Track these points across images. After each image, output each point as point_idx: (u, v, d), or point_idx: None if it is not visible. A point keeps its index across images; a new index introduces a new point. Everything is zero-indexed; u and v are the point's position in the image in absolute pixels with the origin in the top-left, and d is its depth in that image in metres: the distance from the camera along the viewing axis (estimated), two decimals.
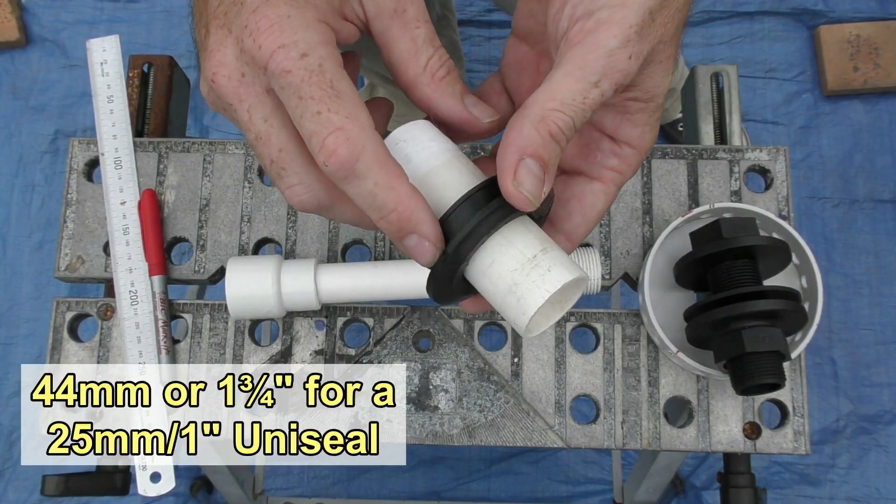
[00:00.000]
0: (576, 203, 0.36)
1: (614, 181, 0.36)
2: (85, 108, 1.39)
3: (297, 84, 0.30)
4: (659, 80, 0.33)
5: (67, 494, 0.58)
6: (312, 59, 0.30)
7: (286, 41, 0.30)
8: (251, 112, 0.32)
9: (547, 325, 0.35)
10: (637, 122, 0.34)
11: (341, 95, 0.30)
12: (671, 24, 0.32)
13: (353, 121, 0.30)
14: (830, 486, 1.22)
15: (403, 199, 0.30)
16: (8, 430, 1.25)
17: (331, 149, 0.29)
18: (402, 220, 0.31)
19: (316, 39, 0.30)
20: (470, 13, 1.42)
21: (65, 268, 0.61)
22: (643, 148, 0.35)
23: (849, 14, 1.38)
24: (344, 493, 1.24)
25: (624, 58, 0.31)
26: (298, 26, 0.30)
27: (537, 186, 0.31)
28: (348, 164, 0.30)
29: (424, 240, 0.31)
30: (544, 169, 0.31)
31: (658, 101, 0.34)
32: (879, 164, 1.34)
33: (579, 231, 0.37)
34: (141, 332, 0.58)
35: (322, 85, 0.30)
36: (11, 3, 1.39)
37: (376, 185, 0.30)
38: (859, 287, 1.29)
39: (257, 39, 0.30)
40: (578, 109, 0.31)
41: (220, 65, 0.32)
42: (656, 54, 0.32)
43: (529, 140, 0.31)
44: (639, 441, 0.57)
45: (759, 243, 0.51)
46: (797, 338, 0.55)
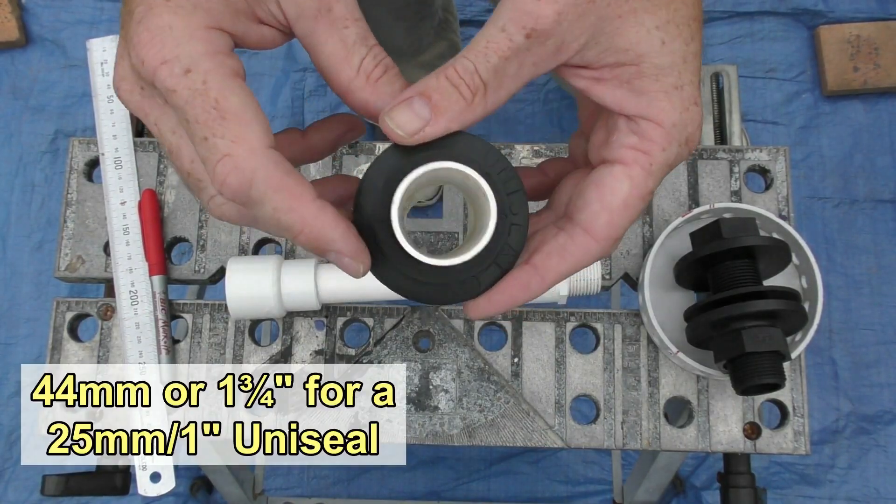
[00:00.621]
0: (593, 189, 0.32)
1: (637, 161, 0.31)
2: (85, 108, 1.39)
3: (182, 106, 0.28)
4: (634, 37, 0.30)
5: (67, 494, 0.58)
6: (196, 76, 0.28)
7: (168, 56, 0.28)
8: (158, 125, 0.31)
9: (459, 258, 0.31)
10: (640, 89, 0.31)
11: (227, 115, 0.28)
12: None
13: (240, 144, 0.28)
14: (830, 486, 1.22)
15: (308, 220, 0.29)
16: (8, 430, 1.25)
17: (221, 178, 0.28)
18: (313, 239, 0.29)
19: (200, 51, 0.28)
20: (470, 13, 1.42)
21: (65, 268, 0.61)
22: (665, 120, 0.31)
23: (849, 14, 1.38)
24: (344, 493, 1.24)
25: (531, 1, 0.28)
26: (181, 38, 0.28)
27: (412, 121, 0.29)
28: (241, 192, 0.28)
29: (342, 256, 0.30)
30: (433, 110, 0.29)
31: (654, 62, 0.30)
32: (879, 164, 1.34)
33: (600, 221, 0.32)
34: (141, 332, 0.58)
35: (205, 106, 0.28)
36: (11, 3, 1.39)
37: (275, 209, 0.28)
38: (859, 287, 1.29)
39: (140, 54, 0.28)
40: (480, 54, 0.29)
41: (122, 79, 0.30)
42: (606, 8, 0.29)
43: (425, 82, 0.29)
44: (639, 441, 0.57)
45: (759, 243, 0.51)
46: (797, 338, 0.55)
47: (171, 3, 0.28)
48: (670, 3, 0.31)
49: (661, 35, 0.30)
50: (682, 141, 0.32)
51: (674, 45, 0.31)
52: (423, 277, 0.32)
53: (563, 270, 0.33)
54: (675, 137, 0.31)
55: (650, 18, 0.30)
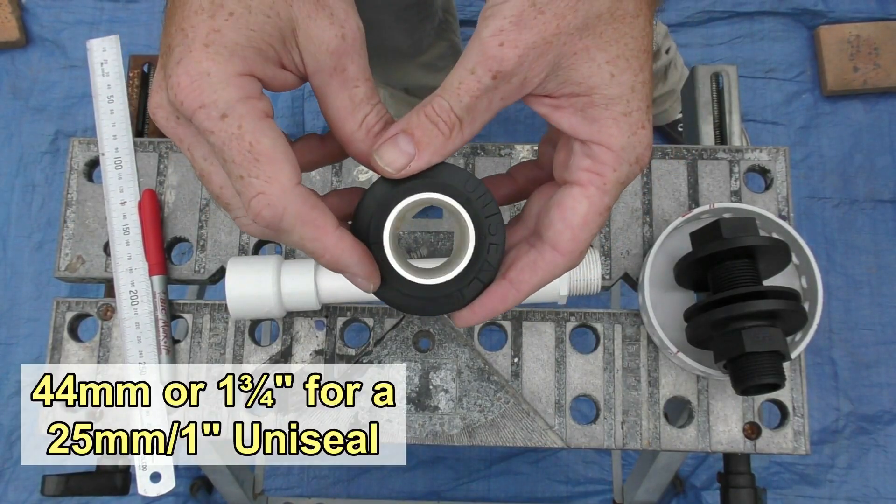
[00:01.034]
0: (556, 209, 0.36)
1: (593, 182, 0.35)
2: (85, 109, 1.39)
3: (220, 146, 0.32)
4: (587, 71, 0.33)
5: (67, 494, 0.58)
6: (232, 121, 0.31)
7: (206, 101, 0.31)
8: (191, 151, 0.35)
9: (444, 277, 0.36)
10: (592, 117, 0.34)
11: (261, 158, 0.32)
12: (571, 16, 0.33)
13: (272, 183, 0.32)
14: (830, 486, 1.22)
15: (329, 248, 0.34)
16: (8, 430, 1.25)
17: (255, 211, 0.32)
18: (332, 262, 0.35)
19: (235, 97, 0.32)
20: (470, 13, 1.42)
21: (65, 268, 0.61)
22: (613, 144, 0.35)
23: (849, 14, 1.38)
24: (344, 493, 1.24)
25: (494, 45, 0.32)
26: (218, 84, 0.31)
27: (398, 157, 0.34)
28: (273, 225, 0.33)
29: (356, 276, 0.35)
30: (417, 145, 0.34)
31: (604, 93, 0.34)
32: (879, 164, 1.34)
33: (564, 238, 0.36)
34: (141, 332, 0.58)
35: (241, 150, 0.32)
36: (11, 3, 1.39)
37: (301, 238, 0.34)
38: (859, 287, 1.29)
39: (178, 95, 0.32)
40: (454, 93, 0.33)
41: (158, 106, 0.34)
42: (563, 45, 0.33)
43: (406, 120, 0.34)
44: (639, 441, 0.57)
45: (759, 243, 0.51)
46: (797, 338, 0.55)
47: (210, 50, 0.32)
48: (620, 38, 0.34)
49: (611, 69, 0.34)
50: (632, 161, 0.35)
51: (623, 77, 0.34)
52: (413, 293, 0.37)
53: (535, 283, 0.37)
54: (624, 159, 0.35)
55: (601, 55, 0.34)
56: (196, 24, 0.32)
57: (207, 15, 0.32)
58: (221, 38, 0.32)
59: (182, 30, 0.32)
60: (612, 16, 0.34)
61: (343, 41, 0.34)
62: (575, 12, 0.33)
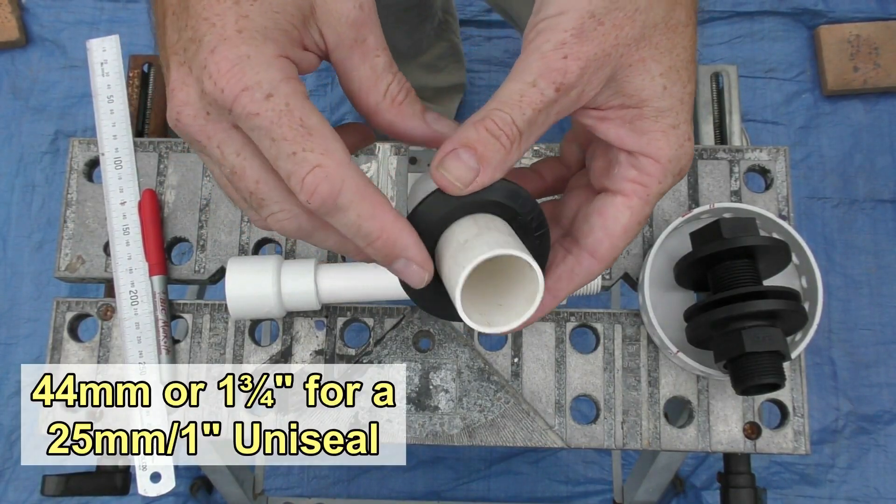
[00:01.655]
0: (597, 217, 0.36)
1: (637, 193, 0.35)
2: (85, 109, 1.39)
3: (266, 126, 0.30)
4: (640, 83, 0.33)
5: (67, 494, 0.58)
6: (278, 99, 0.30)
7: (249, 83, 0.30)
8: (222, 148, 0.33)
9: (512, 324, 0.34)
10: (641, 129, 0.34)
11: (313, 132, 0.30)
12: (629, 27, 0.32)
13: (329, 156, 0.30)
14: (830, 485, 1.22)
15: (387, 227, 0.32)
16: (8, 430, 1.25)
17: (311, 187, 0.30)
18: (388, 245, 0.32)
19: (278, 77, 0.31)
20: (470, 13, 1.42)
21: (65, 268, 0.61)
22: (661, 157, 0.35)
23: (849, 14, 1.38)
24: (344, 493, 1.24)
25: (558, 58, 0.32)
26: (259, 65, 0.30)
27: (465, 173, 0.32)
28: (330, 200, 0.30)
29: (412, 262, 0.32)
30: (479, 161, 0.32)
31: (655, 106, 0.34)
32: (879, 164, 1.34)
33: (603, 246, 0.36)
34: (141, 332, 0.58)
35: (292, 125, 0.30)
36: (11, 3, 1.39)
37: (359, 216, 0.31)
38: (859, 287, 1.29)
39: (218, 82, 0.30)
40: (515, 106, 0.32)
41: (185, 104, 0.32)
42: (620, 57, 0.33)
43: (464, 135, 0.32)
44: (639, 441, 0.57)
45: (759, 243, 0.51)
46: (797, 338, 0.55)
47: (244, 34, 0.30)
48: (673, 49, 0.34)
49: (664, 81, 0.34)
50: (677, 172, 0.36)
51: (674, 89, 0.34)
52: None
53: (571, 289, 0.38)
54: (670, 171, 0.35)
55: (656, 66, 0.33)
56: (222, 13, 0.31)
57: (232, 2, 0.31)
58: (251, 23, 0.31)
59: (207, 19, 0.31)
60: (667, 25, 0.33)
61: (361, 11, 0.33)
62: (633, 23, 0.32)
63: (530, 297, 0.34)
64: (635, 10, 0.32)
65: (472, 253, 0.32)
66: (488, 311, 0.35)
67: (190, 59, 0.31)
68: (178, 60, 0.32)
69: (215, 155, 0.33)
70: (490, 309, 0.35)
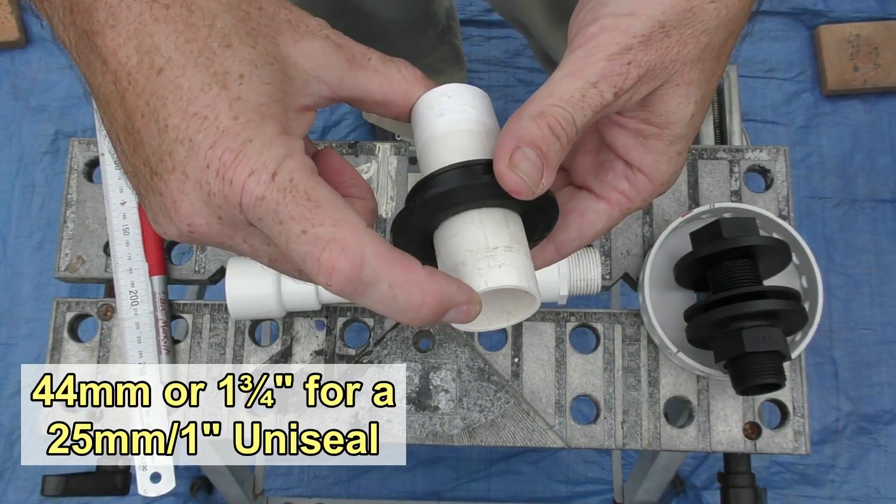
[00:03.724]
0: (576, 217, 0.36)
1: (620, 205, 0.35)
2: (85, 109, 1.39)
3: (273, 209, 0.27)
4: (674, 106, 0.33)
5: (67, 494, 0.58)
6: (283, 177, 0.27)
7: (255, 166, 0.27)
8: (249, 242, 0.30)
9: (484, 328, 0.34)
10: (650, 148, 0.34)
11: (321, 204, 0.27)
12: (692, 45, 0.31)
13: (342, 227, 0.27)
14: (830, 486, 1.22)
15: (426, 287, 0.28)
16: (8, 430, 1.25)
17: (329, 266, 0.27)
18: (435, 308, 0.28)
19: (281, 154, 0.28)
20: (470, 13, 1.42)
21: (65, 268, 0.61)
22: (657, 179, 0.34)
23: (849, 14, 1.38)
24: (344, 493, 1.24)
25: (623, 62, 0.31)
26: (262, 147, 0.28)
27: (536, 174, 0.30)
28: (353, 276, 0.27)
29: (461, 307, 0.29)
30: (542, 160, 0.30)
31: (675, 131, 0.33)
32: (879, 164, 1.34)
33: (572, 245, 0.36)
34: (141, 332, 0.58)
35: (298, 200, 0.27)
36: (11, 3, 1.39)
37: (392, 286, 0.28)
38: (859, 287, 1.29)
39: (226, 176, 0.27)
40: (577, 106, 0.31)
41: (194, 214, 0.29)
42: (672, 74, 0.32)
43: (527, 131, 0.30)
44: (639, 441, 0.57)
45: (759, 243, 0.51)
46: (797, 338, 0.55)
47: (241, 120, 0.28)
48: (712, 77, 0.33)
49: (694, 109, 0.33)
50: (660, 194, 0.36)
51: (697, 117, 0.33)
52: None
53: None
54: (657, 192, 0.35)
55: (696, 92, 0.33)
56: (211, 103, 0.28)
57: (219, 87, 0.28)
58: (245, 105, 0.28)
59: (195, 115, 0.28)
60: (719, 51, 0.33)
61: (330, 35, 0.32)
62: (696, 43, 0.31)
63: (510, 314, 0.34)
64: (703, 30, 0.31)
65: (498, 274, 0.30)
66: None
67: (183, 164, 0.28)
68: (167, 167, 0.28)
69: (245, 250, 0.31)
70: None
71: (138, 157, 0.30)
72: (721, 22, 0.32)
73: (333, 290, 0.28)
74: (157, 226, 0.31)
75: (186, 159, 0.28)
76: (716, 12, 0.31)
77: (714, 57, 0.33)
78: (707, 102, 0.34)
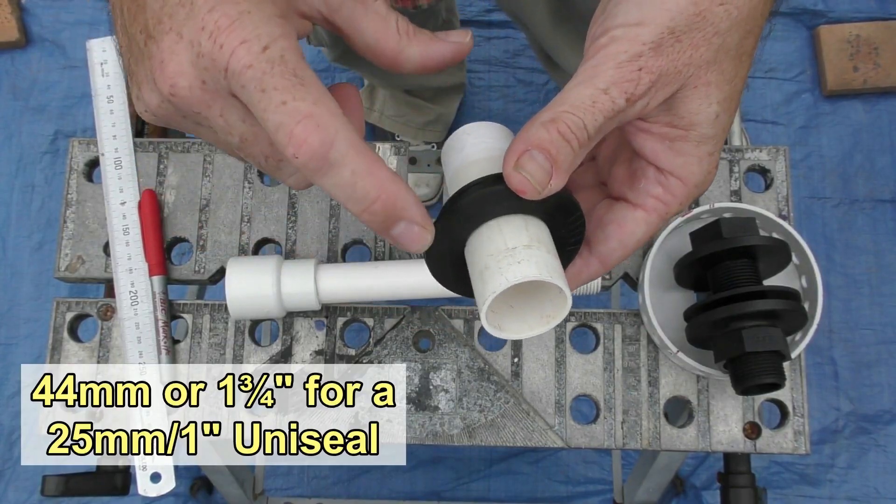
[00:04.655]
0: (615, 228, 0.36)
1: (657, 210, 0.36)
2: (85, 109, 1.39)
3: (258, 77, 0.28)
4: (696, 107, 0.33)
5: (67, 495, 0.58)
6: (274, 51, 0.29)
7: (248, 36, 0.28)
8: (225, 116, 0.31)
9: (523, 334, 0.34)
10: (679, 151, 0.34)
11: (306, 83, 0.29)
12: (705, 48, 0.32)
13: (321, 106, 0.28)
14: (830, 485, 1.22)
15: (386, 184, 0.29)
16: (8, 430, 1.25)
17: (301, 138, 0.28)
18: (388, 207, 0.30)
19: (277, 33, 0.29)
20: (470, 13, 1.42)
21: (65, 268, 0.61)
22: (690, 181, 0.35)
23: (849, 14, 1.38)
24: (344, 493, 1.24)
25: (633, 69, 0.31)
26: (259, 21, 0.29)
27: (541, 175, 0.31)
28: (321, 153, 0.28)
29: (413, 224, 0.30)
30: (552, 163, 0.31)
31: (702, 132, 0.34)
32: (879, 164, 1.34)
33: (615, 256, 0.37)
34: (141, 332, 0.58)
35: (285, 74, 0.28)
36: (11, 3, 1.39)
37: (354, 172, 0.29)
38: (859, 287, 1.29)
39: (218, 39, 0.29)
40: (588, 112, 0.31)
41: (179, 74, 0.30)
42: (688, 77, 0.32)
43: (537, 135, 0.31)
44: (639, 441, 0.57)
45: (759, 243, 0.51)
46: (797, 337, 0.55)
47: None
48: (734, 77, 0.34)
49: (718, 109, 0.33)
50: (696, 196, 0.36)
51: (724, 117, 0.34)
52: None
53: (574, 287, 0.37)
54: (692, 195, 0.36)
55: (717, 93, 0.33)
56: None
57: None
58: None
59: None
60: (737, 52, 0.33)
61: None
62: (709, 45, 0.32)
63: (549, 316, 0.34)
64: (714, 32, 0.32)
65: (518, 269, 0.31)
66: (499, 309, 0.34)
67: (180, 25, 0.29)
68: (163, 28, 0.30)
69: (219, 125, 0.31)
70: (501, 307, 0.35)
71: (137, 25, 0.31)
72: (733, 23, 0.32)
73: (299, 163, 0.28)
74: (139, 101, 0.32)
75: (185, 20, 0.29)
76: (726, 14, 0.32)
77: (732, 58, 0.33)
78: (733, 103, 0.34)
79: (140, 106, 0.33)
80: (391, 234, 0.31)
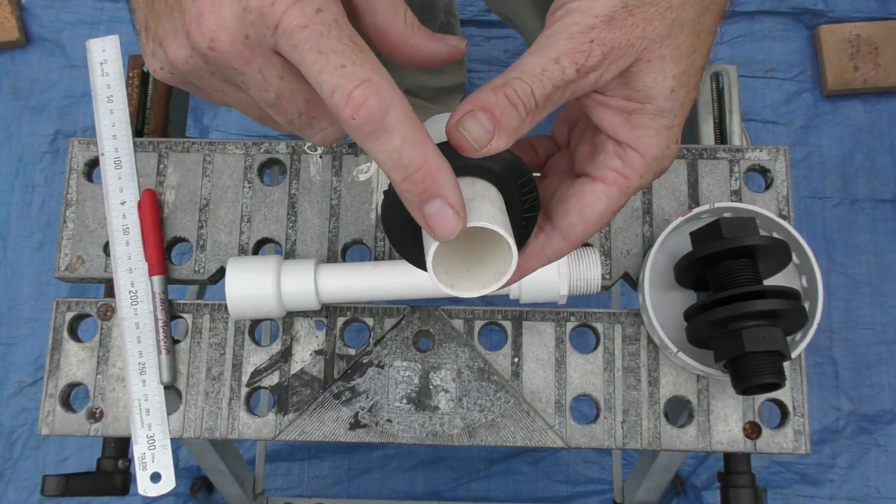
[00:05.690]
0: (575, 201, 0.37)
1: (616, 183, 0.36)
2: (85, 108, 1.39)
3: (315, 38, 0.29)
4: (651, 81, 0.34)
5: (67, 494, 0.58)
6: (328, 15, 0.29)
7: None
8: (264, 72, 0.31)
9: (475, 292, 0.35)
10: (636, 123, 0.35)
11: (363, 50, 0.29)
12: (658, 22, 0.33)
13: (379, 74, 0.29)
14: (830, 485, 1.22)
15: (431, 157, 0.30)
16: (8, 430, 1.25)
17: (359, 101, 0.28)
18: (428, 178, 0.30)
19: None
20: (470, 13, 1.42)
21: (65, 268, 0.61)
22: (648, 153, 0.35)
23: (849, 14, 1.38)
24: (344, 493, 1.24)
25: (585, 41, 0.32)
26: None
27: (480, 133, 0.31)
28: (378, 117, 0.29)
29: (447, 206, 0.31)
30: (495, 124, 0.31)
31: (658, 105, 0.34)
32: (879, 164, 1.34)
33: (577, 230, 0.37)
34: (141, 332, 0.58)
35: (342, 38, 0.29)
36: (11, 3, 1.39)
37: (404, 140, 0.29)
38: (860, 287, 1.29)
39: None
40: (536, 79, 0.32)
41: (220, 28, 0.30)
42: (641, 50, 0.33)
43: (484, 98, 0.32)
44: (639, 441, 0.57)
45: (759, 243, 0.51)
46: (797, 337, 0.55)
47: None
48: (692, 53, 0.34)
49: (674, 83, 0.34)
50: (657, 171, 0.36)
51: (680, 92, 0.34)
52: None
53: (537, 266, 0.38)
54: (652, 168, 0.36)
55: (672, 67, 0.34)
56: None
57: None
58: None
59: None
60: (694, 28, 0.34)
61: None
62: (662, 19, 0.33)
63: (500, 272, 0.34)
64: (668, 7, 0.33)
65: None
66: (455, 272, 0.35)
67: None
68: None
69: (256, 80, 0.31)
70: (457, 270, 0.35)
71: None
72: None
73: (354, 124, 0.29)
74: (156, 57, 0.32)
75: None
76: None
77: (689, 33, 0.34)
78: (691, 78, 0.35)
79: (156, 63, 0.33)
80: (424, 211, 0.31)
